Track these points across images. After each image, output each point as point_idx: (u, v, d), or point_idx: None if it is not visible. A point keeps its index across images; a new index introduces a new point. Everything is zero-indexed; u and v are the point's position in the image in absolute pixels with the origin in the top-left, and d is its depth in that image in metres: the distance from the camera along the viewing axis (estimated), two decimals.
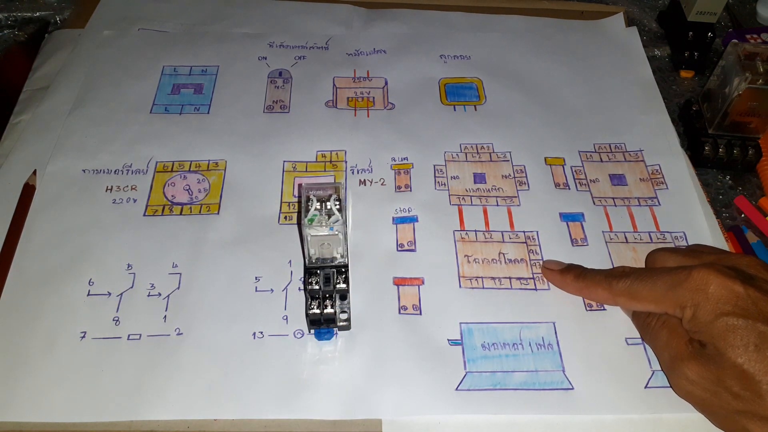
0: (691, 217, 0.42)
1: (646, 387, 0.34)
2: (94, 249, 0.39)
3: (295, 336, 0.36)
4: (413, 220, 0.41)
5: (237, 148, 0.45)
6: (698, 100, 0.49)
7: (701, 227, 0.41)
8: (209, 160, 0.44)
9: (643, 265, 0.39)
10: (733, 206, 0.46)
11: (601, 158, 0.45)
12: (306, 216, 0.32)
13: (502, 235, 0.41)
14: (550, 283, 0.38)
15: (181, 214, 0.41)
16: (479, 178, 0.44)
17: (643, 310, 0.35)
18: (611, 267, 0.39)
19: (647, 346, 0.35)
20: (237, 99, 0.49)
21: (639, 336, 0.36)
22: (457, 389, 0.34)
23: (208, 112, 0.48)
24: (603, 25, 0.56)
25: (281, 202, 0.42)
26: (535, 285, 0.38)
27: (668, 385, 0.34)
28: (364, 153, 0.45)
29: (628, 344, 0.36)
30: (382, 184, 0.43)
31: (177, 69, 0.50)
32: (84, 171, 0.43)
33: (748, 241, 0.42)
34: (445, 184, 0.43)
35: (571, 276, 0.37)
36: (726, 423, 0.31)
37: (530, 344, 0.36)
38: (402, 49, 0.53)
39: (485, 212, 0.42)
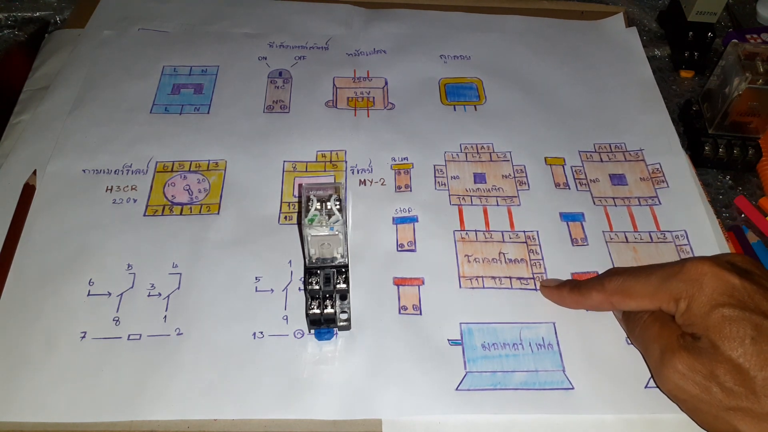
0: (692, 215, 0.42)
1: (646, 387, 0.34)
2: (94, 249, 0.39)
3: (295, 336, 0.36)
4: (413, 220, 0.41)
5: (237, 148, 0.45)
6: (698, 100, 0.49)
7: (703, 224, 0.41)
8: (209, 160, 0.44)
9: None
10: (733, 206, 0.46)
11: (601, 158, 0.45)
12: (306, 216, 0.32)
13: (503, 235, 0.41)
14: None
15: (181, 214, 0.41)
16: (479, 178, 0.44)
17: (636, 308, 0.34)
18: (610, 267, 0.39)
19: None
20: (237, 99, 0.49)
21: None
22: (457, 389, 0.34)
23: (208, 112, 0.48)
24: (603, 26, 0.56)
25: (281, 202, 0.42)
26: (535, 285, 0.38)
27: None
28: (364, 153, 0.45)
29: (628, 344, 0.36)
30: (382, 184, 0.43)
31: (177, 69, 0.50)
32: (84, 171, 0.43)
33: (749, 241, 0.42)
34: (445, 184, 0.43)
35: (566, 289, 0.37)
36: (714, 422, 0.30)
37: (530, 344, 0.36)
38: (402, 49, 0.53)
39: (485, 212, 0.42)
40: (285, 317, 0.37)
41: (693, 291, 0.30)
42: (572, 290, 0.36)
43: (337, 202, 0.32)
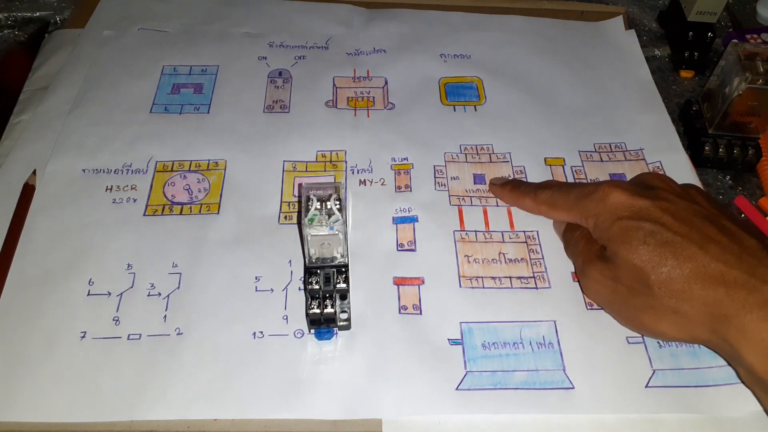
0: None
1: (646, 386, 0.34)
2: (94, 249, 0.39)
3: (295, 336, 0.36)
4: (413, 220, 0.41)
5: (237, 148, 0.45)
6: (698, 100, 0.49)
7: None
8: (209, 160, 0.44)
9: None
10: (733, 206, 0.45)
11: (601, 158, 0.45)
12: (306, 216, 0.32)
13: (502, 235, 0.41)
14: (551, 282, 0.38)
15: (181, 213, 0.41)
16: (479, 178, 0.44)
17: (558, 219, 0.39)
18: None
19: (648, 345, 0.35)
20: (237, 99, 0.48)
21: (640, 335, 0.36)
22: (457, 389, 0.34)
23: (208, 112, 0.47)
24: (602, 28, 0.56)
25: (281, 202, 0.42)
26: (535, 284, 0.38)
27: (669, 385, 0.34)
28: (364, 153, 0.45)
29: (629, 343, 0.36)
30: (382, 184, 0.43)
31: (177, 69, 0.50)
32: (84, 171, 0.43)
33: None
34: (445, 185, 0.43)
35: (508, 188, 0.41)
36: (627, 319, 0.35)
37: (531, 343, 0.36)
38: (402, 48, 0.53)
39: (485, 212, 0.42)
40: (285, 317, 0.37)
41: (599, 209, 0.35)
42: (512, 190, 0.41)
43: (337, 202, 0.32)
